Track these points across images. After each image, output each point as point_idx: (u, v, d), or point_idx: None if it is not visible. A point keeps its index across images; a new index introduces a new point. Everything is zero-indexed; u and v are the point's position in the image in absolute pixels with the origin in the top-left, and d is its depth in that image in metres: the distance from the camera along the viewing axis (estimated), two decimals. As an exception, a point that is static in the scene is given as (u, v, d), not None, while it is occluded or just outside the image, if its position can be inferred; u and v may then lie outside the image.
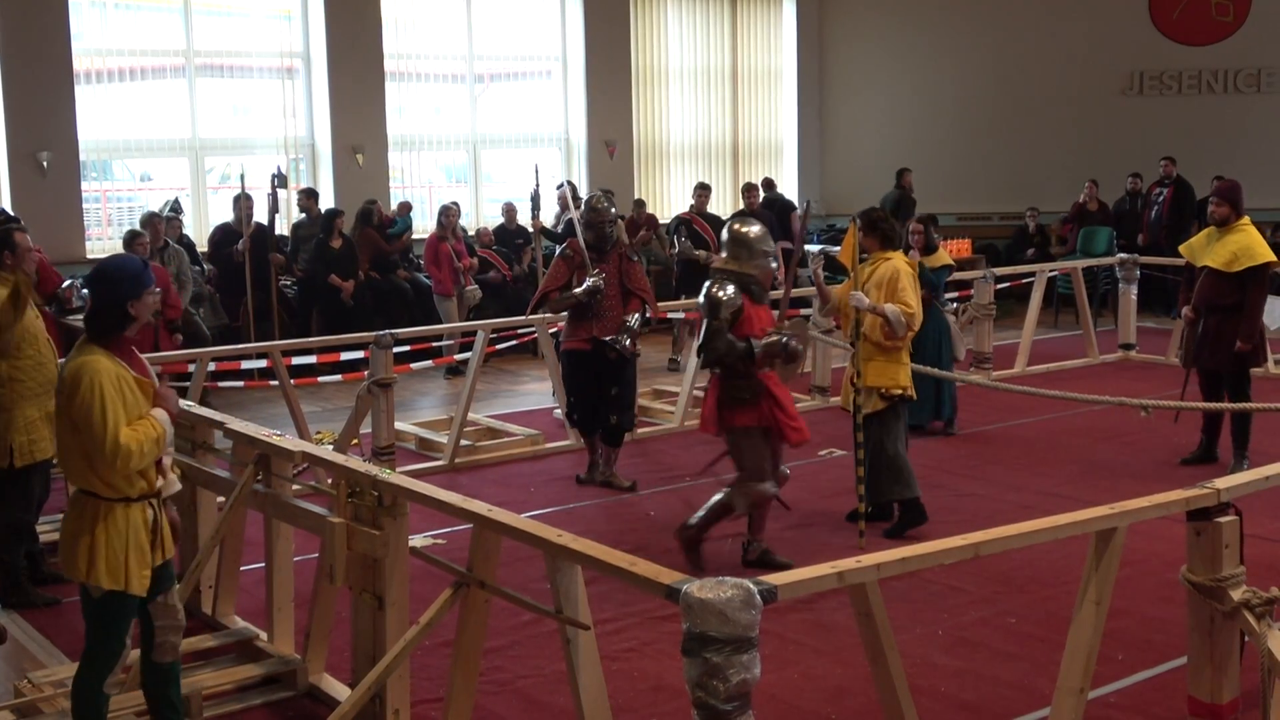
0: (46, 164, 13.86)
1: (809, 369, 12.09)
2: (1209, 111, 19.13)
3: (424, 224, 15.85)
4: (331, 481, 5.48)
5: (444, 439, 9.94)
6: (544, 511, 8.39)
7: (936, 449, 9.86)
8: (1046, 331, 15.28)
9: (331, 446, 8.78)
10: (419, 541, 6.92)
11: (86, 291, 5.31)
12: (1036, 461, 9.54)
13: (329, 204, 14.96)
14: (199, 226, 14.91)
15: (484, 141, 17.25)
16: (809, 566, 3.84)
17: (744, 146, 19.60)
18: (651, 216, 16.61)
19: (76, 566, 4.57)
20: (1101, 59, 19.29)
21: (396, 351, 9.55)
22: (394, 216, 15.06)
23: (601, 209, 8.89)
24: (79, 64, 14.16)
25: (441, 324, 12.91)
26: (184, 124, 15.06)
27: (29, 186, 13.70)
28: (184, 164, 15.29)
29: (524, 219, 14.86)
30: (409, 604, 5.07)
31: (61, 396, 4.57)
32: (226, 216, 14.03)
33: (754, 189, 15.07)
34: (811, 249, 15.10)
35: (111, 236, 14.50)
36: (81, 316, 7.43)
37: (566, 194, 9.45)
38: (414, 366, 11.42)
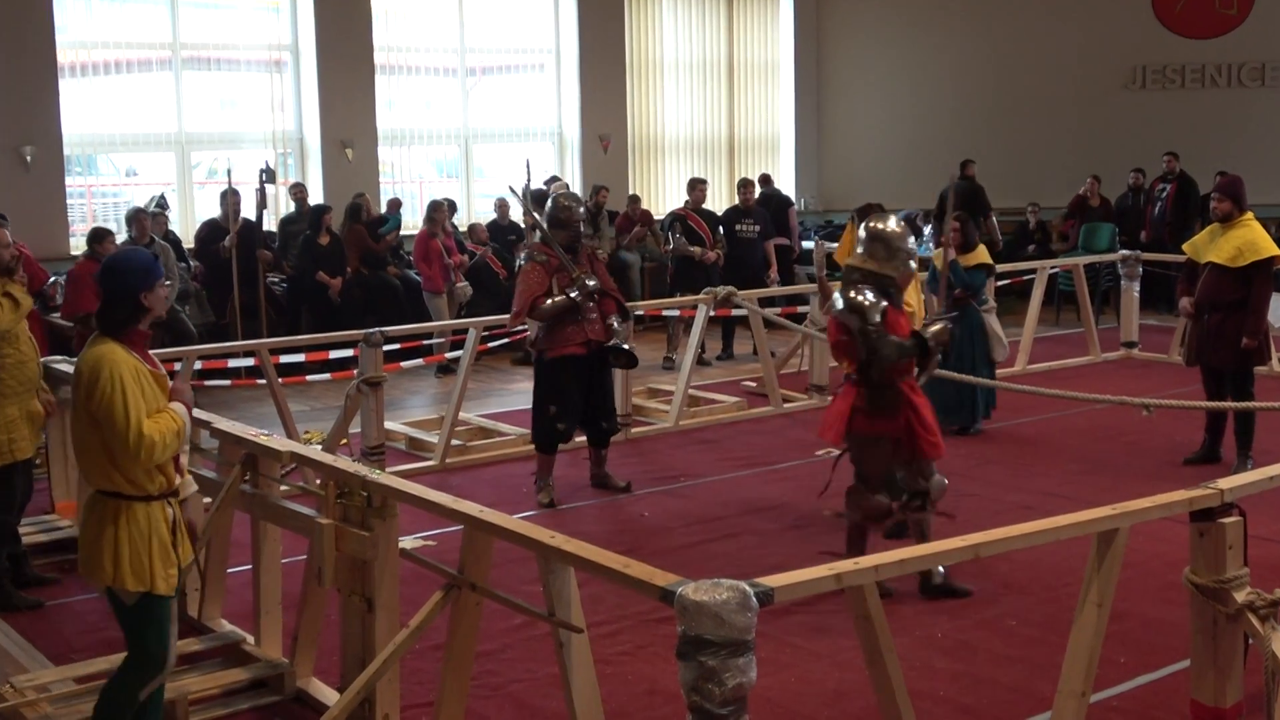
0: (30, 158, 13.83)
1: (806, 367, 12.12)
2: (1212, 106, 19.15)
3: (415, 220, 15.82)
4: (320, 482, 5.48)
5: (435, 439, 9.94)
6: (536, 513, 8.40)
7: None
8: (1048, 329, 15.28)
9: (320, 446, 8.79)
10: (409, 543, 6.86)
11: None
12: (1037, 461, 9.55)
13: (317, 199, 14.96)
14: (185, 222, 14.88)
15: (475, 136, 17.24)
16: (806, 569, 3.84)
17: (740, 141, 19.58)
18: (646, 212, 16.60)
19: (103, 569, 4.52)
20: (1104, 52, 19.30)
21: (386, 350, 9.52)
22: (385, 215, 15.04)
23: (572, 207, 8.66)
24: (63, 56, 14.12)
25: (432, 321, 12.91)
26: (170, 118, 15.03)
27: (12, 181, 13.65)
28: (170, 159, 15.26)
29: (515, 214, 14.84)
30: (399, 607, 5.06)
31: (79, 392, 4.53)
32: (213, 212, 14.00)
33: (749, 185, 14.96)
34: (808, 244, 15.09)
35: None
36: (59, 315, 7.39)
37: (520, 193, 8.93)
38: (404, 365, 11.42)
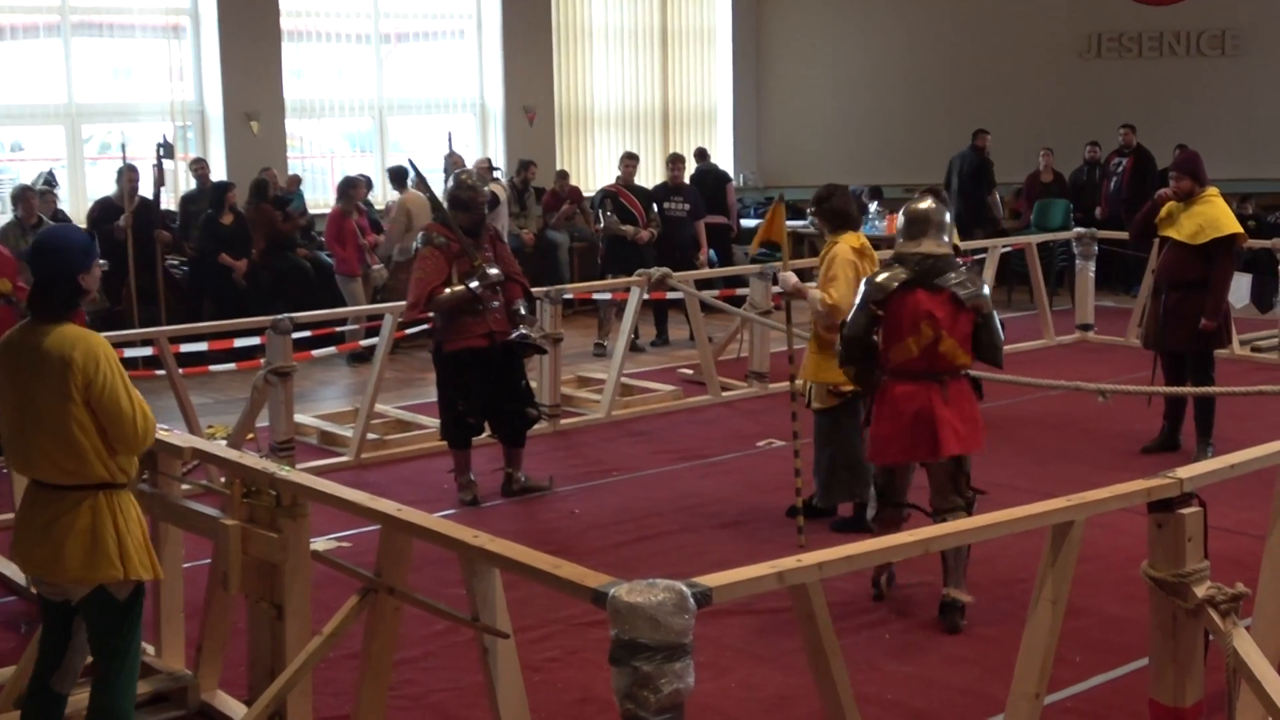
0: (-95, 132, 13.62)
1: (745, 353, 12.15)
2: (1171, 75, 19.34)
3: (322, 197, 15.68)
4: (225, 480, 5.43)
5: (349, 432, 9.88)
6: (458, 511, 8.37)
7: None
8: (999, 311, 15.36)
9: (224, 442, 8.71)
10: (322, 545, 6.87)
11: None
12: (988, 450, 9.58)
13: (220, 176, 14.79)
14: (76, 201, 14.69)
15: (391, 107, 17.12)
16: (746, 566, 3.84)
17: (675, 113, 19.59)
18: (575, 189, 16.57)
19: (111, 564, 4.46)
20: (1057, 19, 19.44)
21: (296, 337, 9.47)
22: (285, 194, 14.86)
23: (477, 187, 8.48)
24: (-60, 22, 13.92)
25: (346, 307, 12.82)
26: (59, 88, 14.82)
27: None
28: (59, 132, 15.06)
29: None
30: (311, 613, 5.02)
31: (68, 384, 4.41)
32: (107, 190, 13.81)
33: (680, 161, 14.81)
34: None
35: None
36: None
37: (414, 168, 8.70)
38: (315, 353, 11.32)
